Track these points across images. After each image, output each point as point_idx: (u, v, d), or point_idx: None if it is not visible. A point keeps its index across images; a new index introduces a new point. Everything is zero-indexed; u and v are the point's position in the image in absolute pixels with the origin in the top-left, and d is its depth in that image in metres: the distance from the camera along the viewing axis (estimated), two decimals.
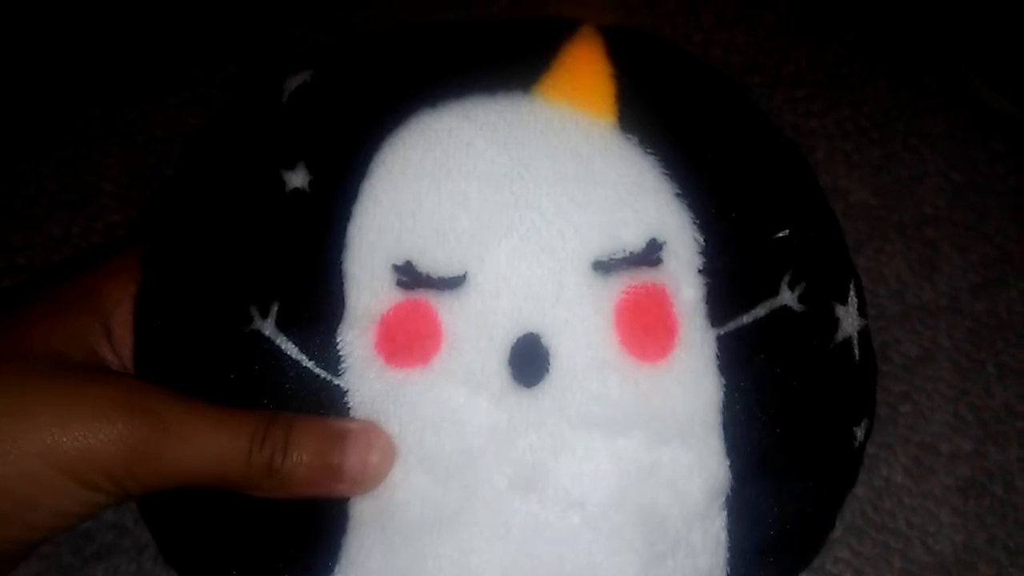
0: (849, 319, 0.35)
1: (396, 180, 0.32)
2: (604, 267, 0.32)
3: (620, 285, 0.32)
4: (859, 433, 0.35)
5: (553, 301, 0.32)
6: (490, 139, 0.32)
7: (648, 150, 0.33)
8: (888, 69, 0.62)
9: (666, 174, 0.32)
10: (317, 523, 0.32)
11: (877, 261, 0.54)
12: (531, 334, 0.32)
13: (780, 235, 0.33)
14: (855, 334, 0.35)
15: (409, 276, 0.32)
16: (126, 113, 0.57)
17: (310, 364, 0.32)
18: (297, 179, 0.33)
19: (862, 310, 0.36)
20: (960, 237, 0.56)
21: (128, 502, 0.36)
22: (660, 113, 0.33)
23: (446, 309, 0.32)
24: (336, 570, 0.32)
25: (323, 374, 0.32)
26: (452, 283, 0.32)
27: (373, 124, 0.33)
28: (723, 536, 0.32)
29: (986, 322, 0.53)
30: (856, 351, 0.35)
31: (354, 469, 0.31)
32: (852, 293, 0.35)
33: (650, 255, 0.32)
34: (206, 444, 0.30)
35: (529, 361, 0.31)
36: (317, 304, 0.32)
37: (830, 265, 0.35)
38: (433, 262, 0.32)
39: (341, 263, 0.32)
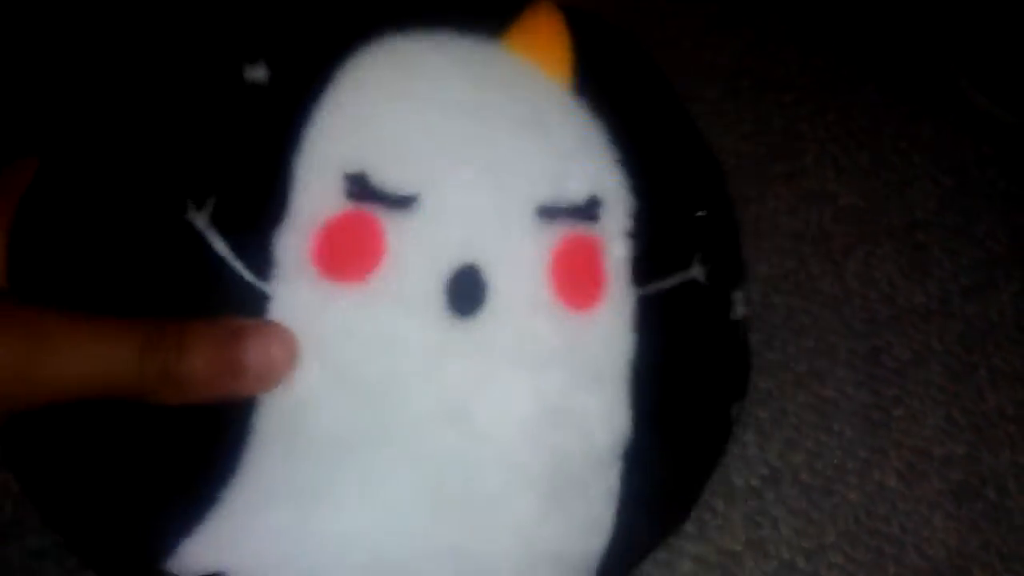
0: (740, 306, 0.37)
1: (361, 91, 0.32)
2: (548, 213, 0.33)
3: (559, 233, 0.33)
4: (734, 412, 0.38)
5: (497, 236, 0.32)
6: (457, 73, 0.33)
7: (597, 116, 0.34)
8: (877, 73, 0.62)
9: (611, 140, 0.34)
10: (215, 437, 0.31)
11: (867, 265, 0.54)
12: (472, 265, 0.32)
13: (699, 215, 0.36)
14: (742, 319, 0.38)
15: (360, 187, 0.31)
16: None
17: (237, 264, 0.31)
18: (257, 73, 0.32)
19: (747, 302, 0.39)
20: (950, 240, 0.56)
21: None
22: (610, 88, 0.35)
23: (392, 226, 0.31)
24: (232, 483, 0.31)
25: (250, 278, 0.31)
26: (402, 202, 0.31)
27: (344, 35, 0.33)
28: (616, 485, 0.33)
29: (977, 325, 0.53)
30: (742, 334, 0.38)
31: (256, 362, 0.30)
32: (741, 289, 0.38)
33: (590, 210, 0.33)
34: (92, 352, 0.29)
35: (467, 291, 0.32)
36: (258, 203, 0.31)
37: (731, 254, 0.38)
38: (387, 177, 0.31)
39: (291, 164, 0.31)
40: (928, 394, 0.50)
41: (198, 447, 0.31)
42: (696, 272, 0.35)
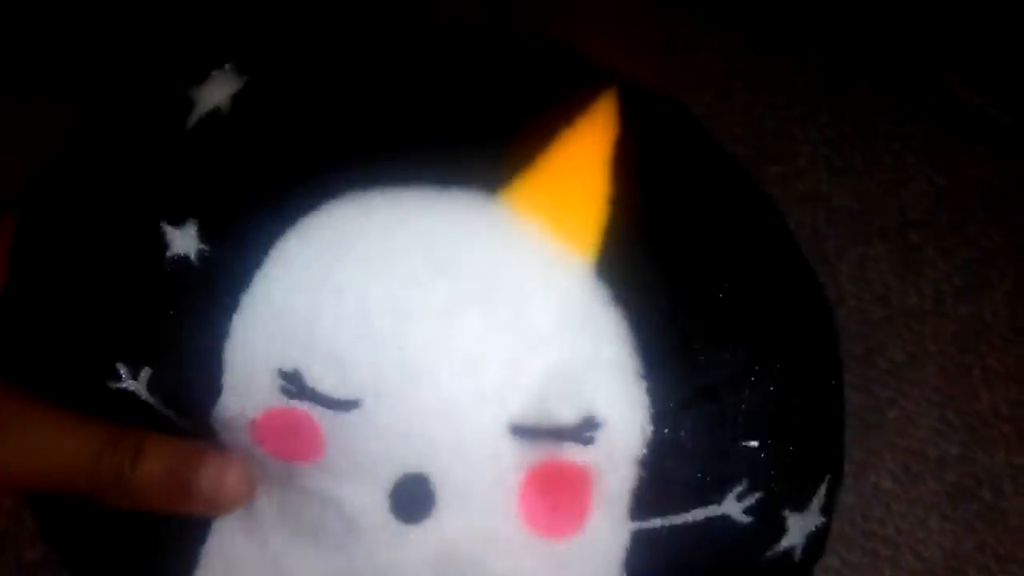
0: (801, 525, 0.29)
1: (297, 276, 0.27)
2: (522, 433, 0.27)
3: (536, 455, 0.27)
4: None
5: (452, 455, 0.27)
6: (425, 252, 0.27)
7: (621, 310, 0.27)
8: (869, 74, 0.62)
9: (635, 346, 0.27)
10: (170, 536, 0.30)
11: (861, 266, 0.54)
12: (419, 475, 0.27)
13: (749, 445, 0.28)
14: (803, 540, 0.30)
15: (295, 386, 0.27)
16: None
17: (187, 426, 0.29)
18: (183, 243, 0.28)
19: (828, 506, 0.30)
20: (944, 240, 0.56)
21: None
22: (655, 261, 0.27)
23: (330, 427, 0.27)
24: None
25: (202, 437, 0.29)
26: (342, 405, 0.27)
27: (288, 195, 0.27)
28: None
29: (971, 325, 0.52)
30: (797, 556, 0.30)
31: (207, 487, 0.29)
32: (823, 490, 0.30)
33: (581, 433, 0.27)
34: (50, 447, 0.28)
35: (410, 501, 0.28)
36: (191, 383, 0.28)
37: (803, 469, 0.29)
38: (323, 379, 0.27)
39: (221, 352, 0.28)
40: (922, 395, 0.50)
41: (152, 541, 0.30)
42: (730, 507, 0.28)
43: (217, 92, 0.30)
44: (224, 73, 0.30)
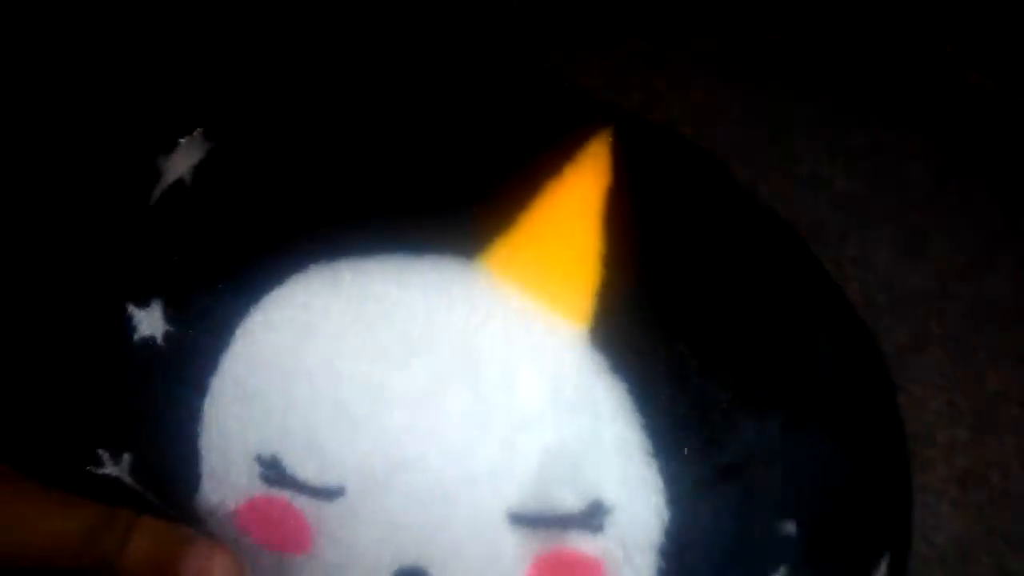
0: None
1: (265, 357, 0.25)
2: (522, 521, 0.24)
3: (541, 545, 0.24)
4: None
5: (449, 545, 0.25)
6: (400, 328, 0.24)
7: (622, 381, 0.24)
8: (866, 52, 0.61)
9: (641, 422, 0.24)
10: None
11: (864, 250, 0.54)
12: (417, 568, 0.25)
13: (785, 527, 0.25)
14: None
15: (275, 473, 0.25)
16: None
17: (173, 513, 0.28)
18: (149, 324, 0.26)
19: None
20: (946, 219, 0.55)
21: None
22: (659, 323, 0.24)
23: (316, 517, 0.25)
24: None
25: (189, 524, 0.28)
26: (325, 494, 0.25)
27: (251, 270, 0.25)
28: None
29: (976, 306, 0.52)
30: None
31: (193, 573, 0.28)
32: (882, 571, 0.27)
33: (588, 520, 0.24)
34: (38, 525, 0.28)
35: None
36: (170, 470, 0.26)
37: (853, 550, 0.26)
38: (304, 466, 0.25)
39: (196, 438, 0.26)
40: (929, 379, 0.50)
41: None
42: None
43: (181, 162, 0.28)
44: (192, 140, 0.28)
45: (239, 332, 0.25)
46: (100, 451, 0.27)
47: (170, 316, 0.26)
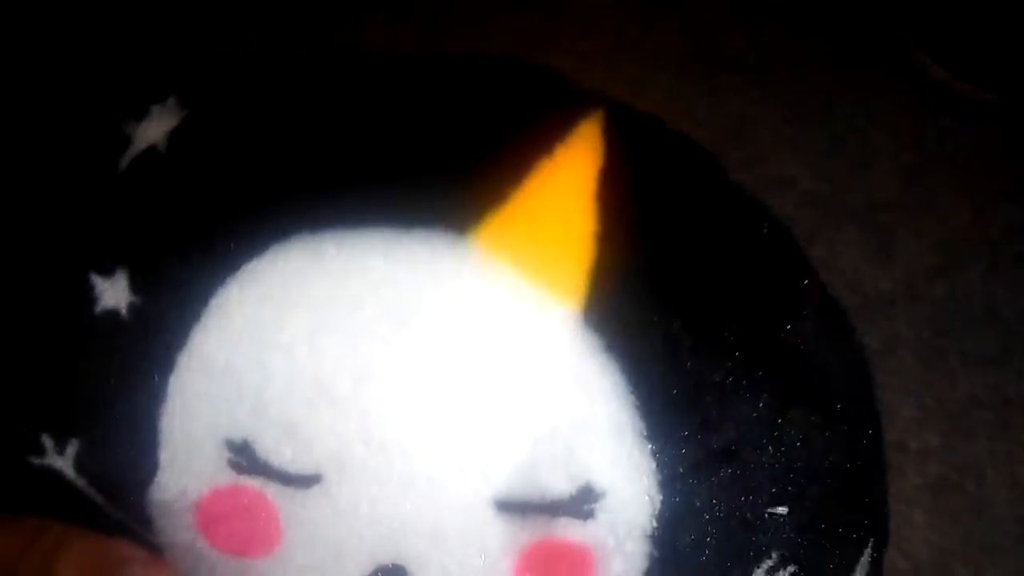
0: None
1: (240, 331, 0.24)
2: (510, 508, 0.23)
3: (529, 534, 0.24)
4: None
5: (432, 539, 0.24)
6: (386, 303, 0.23)
7: (616, 362, 0.23)
8: (828, 49, 0.61)
9: (634, 404, 0.23)
10: None
11: (831, 252, 0.53)
12: (395, 566, 0.24)
13: (776, 512, 0.24)
14: None
15: (246, 459, 0.24)
16: None
17: (119, 515, 0.26)
18: (112, 295, 0.25)
19: (875, 569, 0.27)
20: (914, 220, 0.55)
21: None
22: (653, 302, 0.24)
23: (288, 506, 0.24)
24: None
25: (135, 527, 0.26)
26: (300, 481, 0.24)
27: (228, 238, 0.24)
28: None
29: (945, 308, 0.51)
30: None
31: None
32: (866, 558, 0.27)
33: (579, 506, 0.23)
34: None
35: None
36: (124, 458, 0.25)
37: (843, 536, 0.26)
38: (277, 450, 0.24)
39: (157, 420, 0.24)
40: (900, 384, 0.49)
41: None
42: None
43: (154, 129, 0.27)
44: (165, 108, 0.27)
45: (213, 304, 0.24)
46: (43, 436, 0.25)
47: (136, 286, 0.24)
